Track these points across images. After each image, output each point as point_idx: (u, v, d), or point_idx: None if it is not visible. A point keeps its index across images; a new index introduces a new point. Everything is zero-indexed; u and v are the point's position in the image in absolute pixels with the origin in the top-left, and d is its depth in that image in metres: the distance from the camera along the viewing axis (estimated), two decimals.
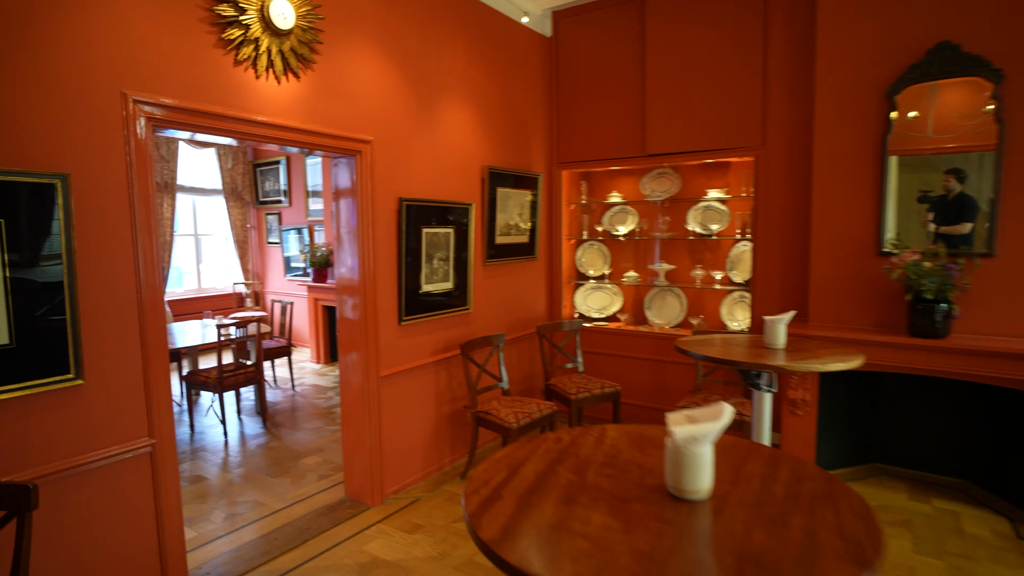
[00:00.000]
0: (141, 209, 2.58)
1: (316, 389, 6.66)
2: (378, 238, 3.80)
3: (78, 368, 2.37)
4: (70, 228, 2.31)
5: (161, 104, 2.62)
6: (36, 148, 2.24)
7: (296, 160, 8.62)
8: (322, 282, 7.70)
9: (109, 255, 2.48)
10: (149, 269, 2.61)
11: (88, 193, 2.40)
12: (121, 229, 2.52)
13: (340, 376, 3.98)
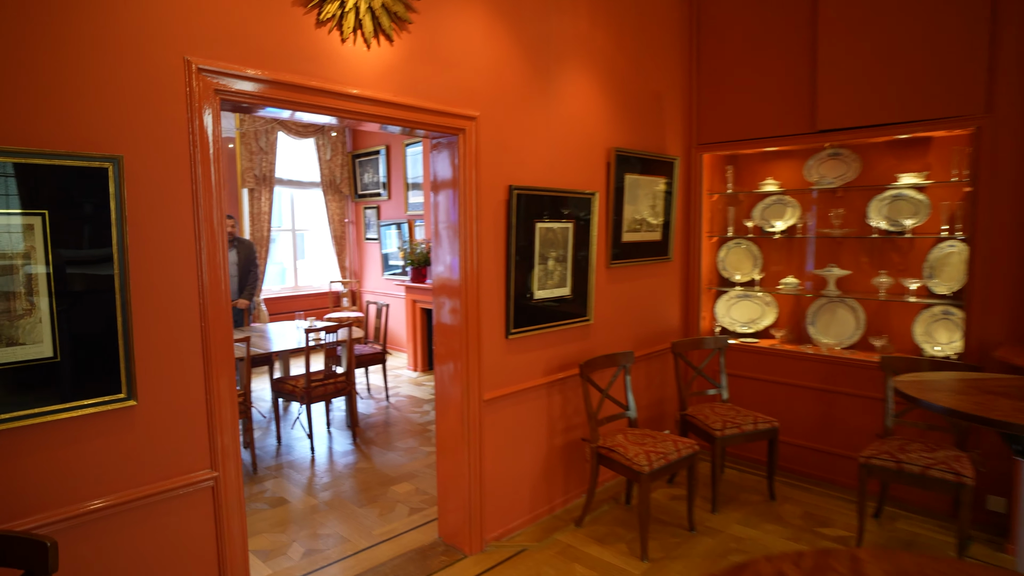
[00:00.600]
0: (205, 199, 2.32)
1: (411, 401, 6.45)
2: (483, 234, 3.41)
3: (130, 387, 2.14)
4: (123, 221, 2.08)
5: (231, 73, 2.35)
6: (83, 126, 2.03)
7: (396, 150, 8.53)
8: (421, 282, 7.52)
9: (167, 253, 2.24)
10: (214, 269, 2.35)
11: (144, 180, 2.17)
12: (181, 222, 2.28)
13: (436, 397, 3.63)
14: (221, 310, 2.40)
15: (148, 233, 2.18)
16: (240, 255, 6.59)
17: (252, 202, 8.16)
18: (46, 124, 1.95)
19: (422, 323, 7.65)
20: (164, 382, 2.25)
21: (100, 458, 2.12)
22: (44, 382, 1.99)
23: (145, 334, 2.19)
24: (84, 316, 2.05)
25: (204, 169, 2.31)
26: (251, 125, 7.98)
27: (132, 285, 2.14)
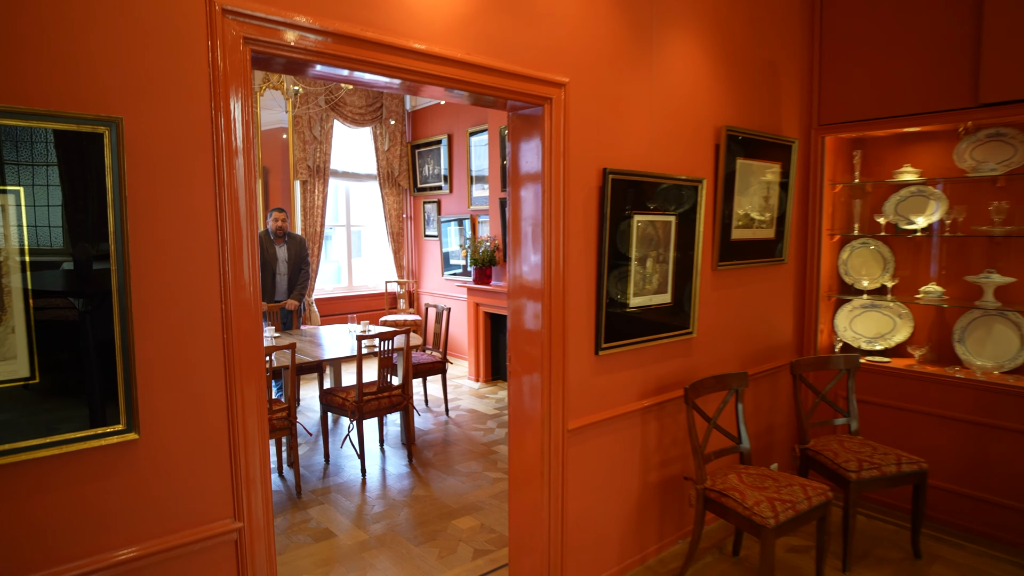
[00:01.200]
0: (229, 179, 1.88)
1: (473, 416, 5.98)
2: (571, 227, 2.88)
3: (130, 416, 1.72)
4: (121, 203, 1.66)
5: (266, 18, 1.90)
6: (72, 79, 1.61)
7: (459, 139, 8.11)
8: (485, 284, 7.05)
9: (180, 246, 1.81)
10: (238, 266, 1.91)
11: (150, 151, 1.74)
12: (199, 207, 1.84)
13: (509, 423, 3.12)
14: (249, 319, 1.95)
15: (155, 219, 1.75)
16: (290, 252, 6.28)
17: (305, 195, 7.88)
18: (24, 75, 1.54)
19: (485, 329, 7.18)
20: (174, 410, 1.82)
21: (91, 505, 1.70)
22: (17, 408, 1.58)
23: (150, 349, 1.76)
24: (71, 325, 1.64)
25: (228, 141, 1.87)
26: (304, 111, 7.70)
27: (133, 285, 1.71)
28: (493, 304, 6.94)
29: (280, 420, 4.20)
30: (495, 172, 7.07)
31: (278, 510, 4.05)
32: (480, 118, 7.70)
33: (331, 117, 8.02)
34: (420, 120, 8.74)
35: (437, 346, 6.08)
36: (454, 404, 6.37)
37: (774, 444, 4.39)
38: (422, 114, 8.69)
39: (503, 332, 7.21)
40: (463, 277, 8.12)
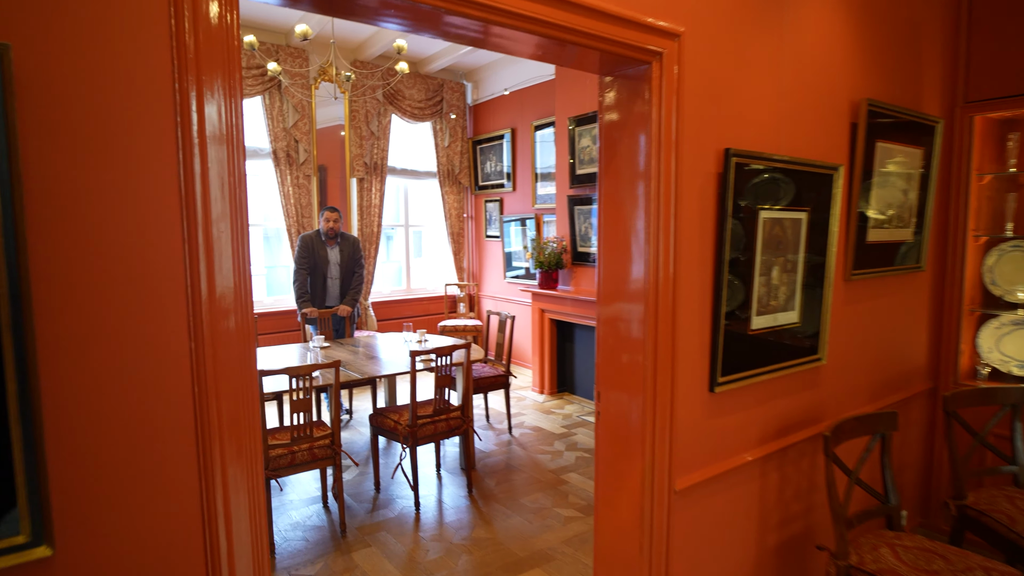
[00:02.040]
0: (200, 142, 1.22)
1: (539, 436, 5.27)
2: (682, 225, 2.13)
3: (38, 522, 1.07)
4: (13, 176, 1.01)
5: None
6: None
7: (523, 134, 7.40)
8: (551, 288, 6.33)
9: (115, 246, 1.15)
10: (212, 278, 1.24)
11: (62, 94, 1.09)
12: (151, 181, 1.18)
13: (596, 479, 2.38)
14: (237, 361, 1.29)
15: (73, 206, 1.10)
16: (343, 253, 5.70)
17: (361, 193, 7.32)
18: None
19: (551, 337, 6.45)
20: (112, 508, 1.16)
21: None
22: None
23: (69, 413, 1.10)
24: None
25: (197, 81, 1.20)
26: (361, 105, 7.14)
27: (37, 312, 1.06)
28: (559, 310, 6.20)
29: (323, 449, 3.58)
30: (563, 167, 6.33)
31: (319, 553, 3.43)
32: (546, 110, 6.97)
33: (389, 111, 7.44)
34: (482, 114, 8.08)
35: (500, 357, 5.39)
36: (517, 420, 5.66)
37: (902, 487, 3.52)
38: (484, 108, 8.03)
39: (570, 340, 6.47)
40: (526, 280, 7.42)
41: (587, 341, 6.23)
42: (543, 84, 7.04)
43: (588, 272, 6.12)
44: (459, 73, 8.07)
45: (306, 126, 6.75)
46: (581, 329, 6.29)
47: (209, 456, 1.26)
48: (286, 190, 6.70)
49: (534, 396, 6.49)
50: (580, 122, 6.06)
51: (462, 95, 8.06)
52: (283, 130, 6.64)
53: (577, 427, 5.47)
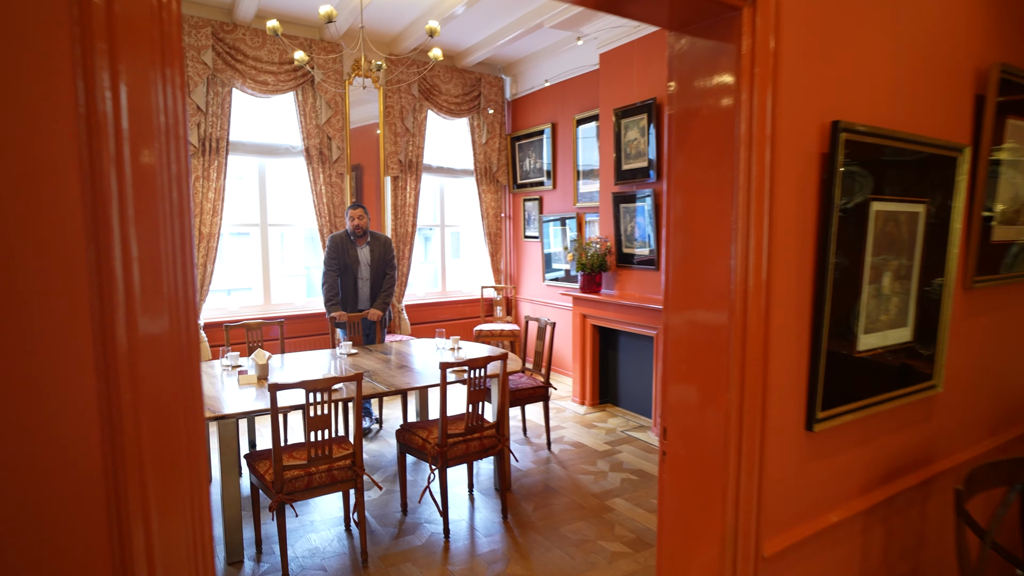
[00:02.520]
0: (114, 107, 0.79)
1: (580, 453, 4.78)
2: (777, 217, 1.64)
3: None
4: None
5: None
6: None
7: (564, 128, 6.92)
8: (593, 292, 5.84)
9: None
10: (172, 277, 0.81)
11: None
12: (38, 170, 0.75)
13: (659, 536, 1.89)
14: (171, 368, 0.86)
15: None
16: (374, 254, 5.31)
17: (396, 192, 6.94)
18: None
19: (593, 344, 5.96)
20: None
21: None
22: None
23: None
24: None
25: (111, 59, 0.77)
26: (396, 101, 6.76)
27: None
28: (602, 316, 5.70)
29: (343, 470, 3.17)
30: (607, 163, 5.84)
31: None
32: (589, 102, 6.48)
33: (424, 107, 7.04)
34: (521, 109, 7.63)
35: (539, 367, 4.92)
36: (557, 435, 5.18)
37: None
38: (523, 102, 7.58)
39: (613, 348, 5.97)
40: (567, 283, 6.94)
41: (632, 349, 5.72)
42: (586, 75, 6.55)
43: (634, 275, 5.62)
44: (497, 67, 7.63)
45: (339, 123, 6.40)
46: (626, 336, 5.78)
47: (123, 511, 0.83)
48: (318, 189, 6.36)
49: (575, 408, 6.00)
50: (626, 113, 5.56)
51: (500, 89, 7.63)
52: (316, 127, 6.30)
53: (621, 444, 4.96)
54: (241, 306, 6.29)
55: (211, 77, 5.72)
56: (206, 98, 5.70)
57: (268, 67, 5.95)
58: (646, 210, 5.38)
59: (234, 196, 6.38)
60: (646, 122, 5.36)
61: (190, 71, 5.56)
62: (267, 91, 5.98)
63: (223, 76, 5.75)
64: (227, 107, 5.82)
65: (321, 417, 3.04)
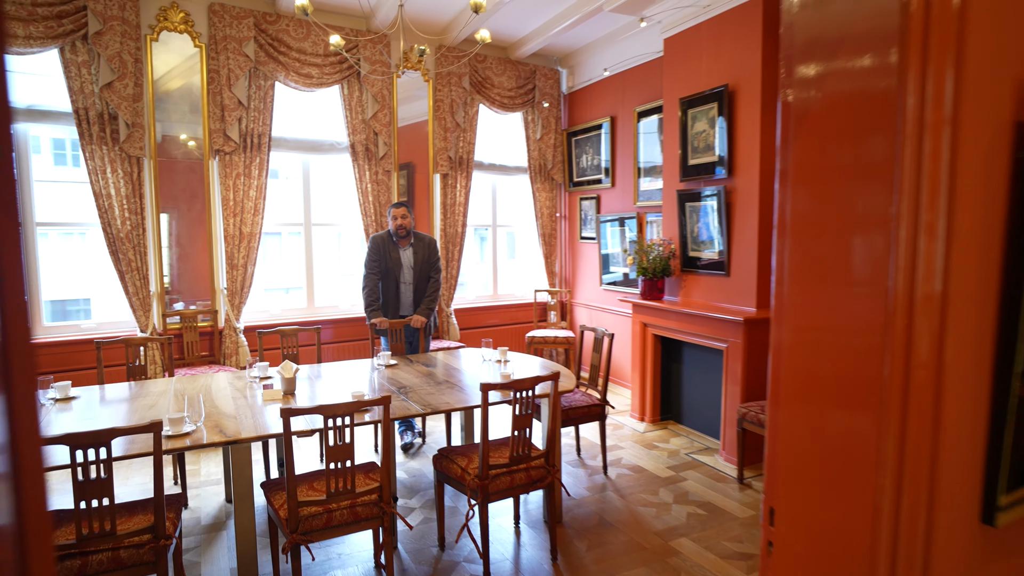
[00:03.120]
0: None
1: (640, 479, 4.24)
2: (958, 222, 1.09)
3: None
4: None
5: None
6: None
7: (624, 123, 6.36)
8: (655, 299, 5.27)
9: None
10: None
11: None
12: None
13: None
14: None
15: None
16: (417, 256, 4.90)
17: (445, 190, 6.54)
18: None
19: (655, 355, 5.39)
20: None
21: None
22: None
23: None
24: None
25: None
26: (446, 94, 6.35)
27: None
28: (665, 325, 5.13)
29: (368, 507, 2.75)
30: (671, 158, 5.26)
31: None
32: (652, 92, 5.91)
33: (476, 101, 6.61)
34: (578, 102, 7.10)
35: (595, 382, 4.41)
36: (614, 456, 4.65)
37: None
38: (580, 95, 7.05)
39: (676, 360, 5.39)
40: (625, 288, 6.38)
41: (697, 363, 5.13)
42: (648, 64, 5.98)
43: (700, 281, 5.02)
44: (552, 58, 7.13)
45: (386, 117, 6.04)
46: (691, 348, 5.19)
47: None
48: (364, 187, 6.01)
49: (633, 424, 5.44)
50: (693, 103, 4.97)
51: (556, 82, 7.12)
52: (362, 122, 5.96)
53: (686, 469, 4.39)
54: (284, 308, 6.00)
55: (253, 70, 5.43)
56: (247, 92, 5.42)
57: (312, 59, 5.63)
58: (715, 209, 4.79)
59: (279, 195, 6.12)
60: (716, 112, 4.76)
61: (231, 64, 5.28)
62: (311, 84, 5.66)
63: (265, 69, 5.46)
64: (269, 101, 5.53)
65: (342, 447, 2.62)
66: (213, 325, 5.42)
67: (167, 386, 3.69)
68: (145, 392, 3.58)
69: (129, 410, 3.19)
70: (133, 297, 5.07)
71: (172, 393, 3.52)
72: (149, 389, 3.64)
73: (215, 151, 5.36)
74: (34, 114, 4.88)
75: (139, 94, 5.01)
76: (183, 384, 3.73)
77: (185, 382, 3.78)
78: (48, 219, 5.13)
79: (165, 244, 5.30)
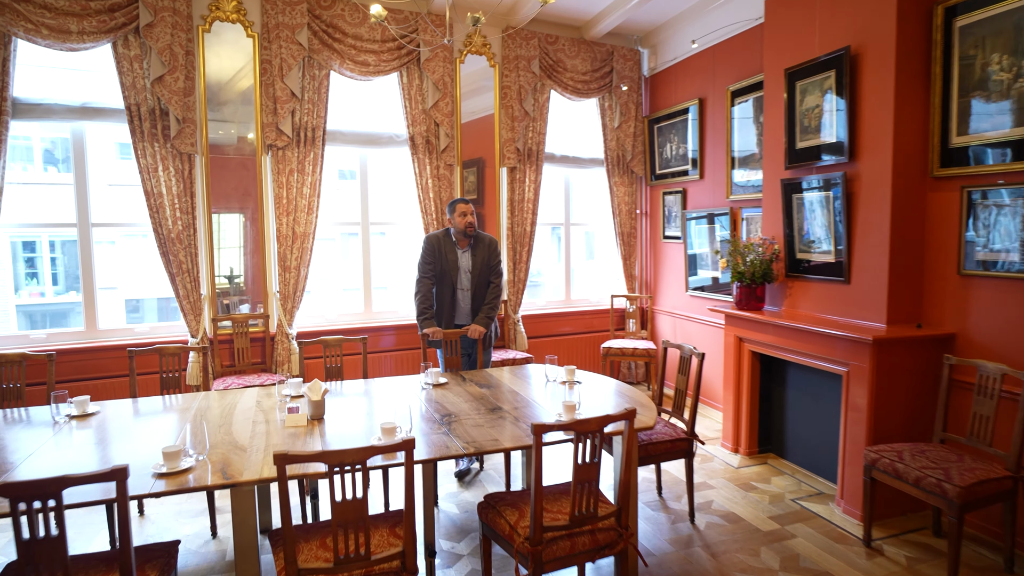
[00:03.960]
0: None
1: (735, 532, 3.45)
2: None
3: None
4: None
5: None
6: None
7: (715, 105, 5.52)
8: (754, 309, 4.43)
9: None
10: None
11: None
12: None
13: None
14: None
15: None
16: (476, 259, 4.31)
17: (513, 185, 5.91)
18: None
19: (752, 375, 4.53)
20: None
21: None
22: None
23: None
24: None
25: None
26: (514, 79, 5.72)
27: None
28: (766, 341, 4.28)
29: (387, 571, 2.16)
30: (774, 142, 4.40)
31: None
32: (748, 67, 5.05)
33: (547, 87, 5.95)
34: (661, 85, 6.30)
35: (680, 410, 3.66)
36: (703, 498, 3.86)
37: None
38: (663, 77, 6.25)
39: (779, 382, 4.52)
40: (716, 294, 5.54)
41: (806, 387, 4.25)
42: (744, 35, 5.12)
43: (810, 288, 4.15)
44: (632, 37, 6.35)
45: (448, 107, 5.48)
46: (797, 369, 4.31)
47: None
48: (424, 182, 5.48)
49: (725, 456, 4.61)
50: (802, 74, 4.11)
51: (635, 64, 6.35)
52: (422, 112, 5.43)
53: (794, 521, 3.55)
54: (340, 313, 5.57)
55: (307, 59, 5.01)
56: (301, 83, 5.00)
57: (369, 45, 5.15)
58: (830, 201, 3.92)
59: (337, 193, 5.70)
60: (832, 83, 3.88)
61: (284, 53, 4.87)
62: (368, 72, 5.19)
63: (319, 57, 5.02)
64: (324, 92, 5.09)
65: (352, 504, 2.04)
66: (265, 331, 5.04)
67: (192, 402, 3.27)
68: (169, 408, 3.17)
69: (138, 434, 2.76)
70: (184, 300, 4.76)
71: (195, 411, 3.08)
72: (173, 405, 3.23)
73: (267, 146, 4.97)
74: (88, 111, 4.64)
75: (190, 88, 4.68)
76: (209, 402, 3.29)
77: (213, 399, 3.34)
78: (106, 220, 4.90)
79: (238, 244, 4.98)
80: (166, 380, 3.69)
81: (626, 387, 3.48)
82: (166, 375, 3.69)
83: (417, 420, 2.91)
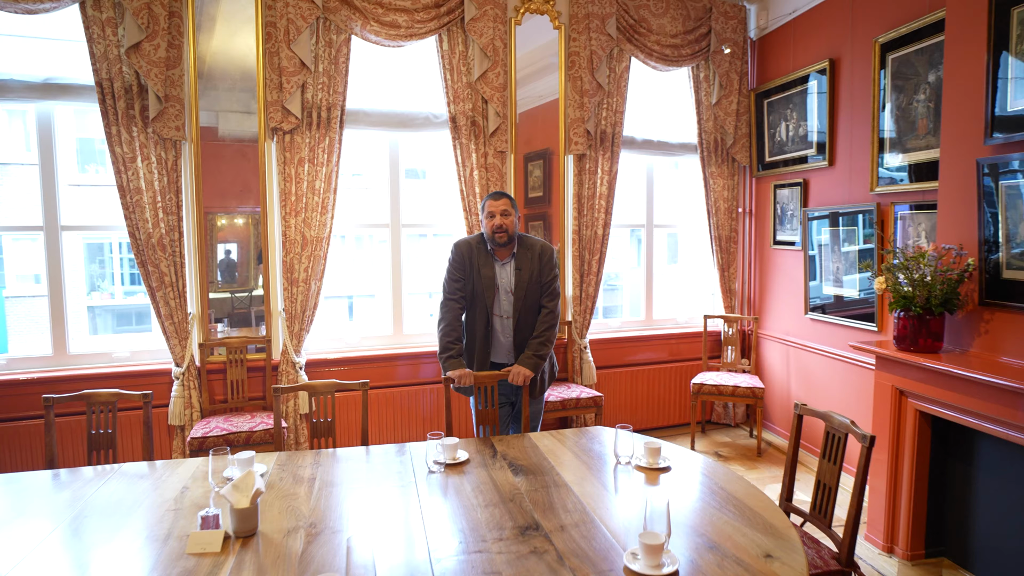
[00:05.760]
0: None
1: None
2: None
3: None
4: None
5: None
6: None
7: (853, 68, 4.07)
8: (927, 350, 3.01)
9: None
10: None
11: None
12: None
13: None
14: None
15: None
16: (521, 274, 3.12)
17: (581, 177, 4.69)
18: None
19: (919, 444, 3.08)
20: None
21: None
22: None
23: None
24: None
25: None
26: (584, 43, 4.49)
27: None
28: (944, 400, 2.86)
29: None
30: (960, 105, 2.97)
31: None
32: (908, 8, 3.61)
33: (626, 53, 4.69)
34: (773, 49, 4.89)
35: (822, 514, 2.33)
36: None
37: None
38: (777, 38, 4.84)
39: (963, 459, 3.07)
40: (853, 321, 4.11)
41: (1006, 468, 2.81)
42: None
43: (1020, 323, 2.72)
44: None
45: (499, 79, 4.33)
46: (992, 444, 2.87)
47: None
48: (468, 173, 4.35)
49: (873, 558, 3.21)
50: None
51: (740, 22, 4.97)
52: (466, 85, 4.31)
53: None
54: (362, 337, 4.52)
55: (321, 20, 3.99)
56: (314, 50, 3.98)
57: (400, 2, 4.07)
58: None
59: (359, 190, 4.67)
60: None
61: (290, 13, 3.87)
62: (398, 37, 4.11)
63: (336, 19, 3.98)
64: (342, 62, 4.06)
65: None
66: (266, 359, 4.06)
67: (85, 488, 2.23)
68: (48, 493, 2.16)
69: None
70: (166, 321, 3.84)
71: (79, 505, 2.06)
72: (60, 485, 2.23)
73: (271, 130, 3.99)
74: (52, 89, 3.80)
75: (176, 58, 3.75)
76: (114, 485, 2.25)
77: (122, 481, 2.31)
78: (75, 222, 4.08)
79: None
80: (96, 438, 2.72)
81: (741, 487, 2.20)
82: (96, 432, 2.72)
83: (391, 564, 1.76)
